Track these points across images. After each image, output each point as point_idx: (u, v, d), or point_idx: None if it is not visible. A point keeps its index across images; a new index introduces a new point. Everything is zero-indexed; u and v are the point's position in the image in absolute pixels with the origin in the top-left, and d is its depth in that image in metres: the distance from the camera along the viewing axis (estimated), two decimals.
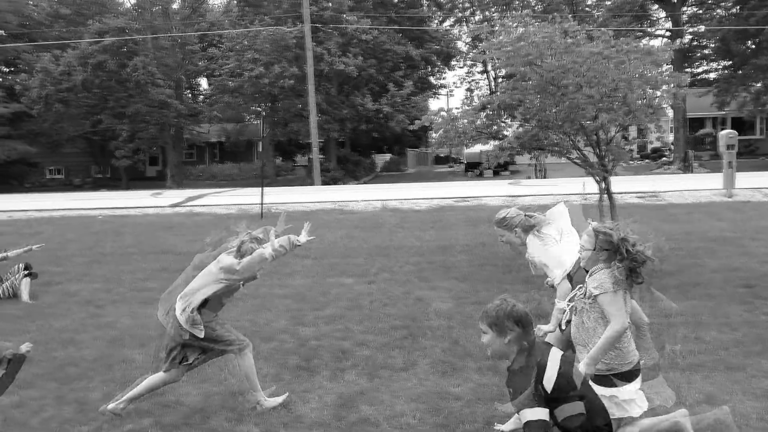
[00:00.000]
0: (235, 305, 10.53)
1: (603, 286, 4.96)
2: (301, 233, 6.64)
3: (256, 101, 50.98)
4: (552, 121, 11.73)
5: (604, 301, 4.94)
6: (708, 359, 7.37)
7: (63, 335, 9.26)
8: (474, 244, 14.92)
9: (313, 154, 44.65)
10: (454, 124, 12.57)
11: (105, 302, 11.20)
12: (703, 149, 49.23)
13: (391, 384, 7.01)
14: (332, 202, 24.67)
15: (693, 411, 6.00)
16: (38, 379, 7.59)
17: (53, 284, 12.67)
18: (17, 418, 6.55)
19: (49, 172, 58.91)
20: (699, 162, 43.02)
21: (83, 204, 27.61)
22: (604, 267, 5.05)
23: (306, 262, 13.69)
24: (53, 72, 46.37)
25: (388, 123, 48.77)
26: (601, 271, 5.04)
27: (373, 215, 20.84)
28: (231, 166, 55.75)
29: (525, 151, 13.06)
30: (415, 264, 13.17)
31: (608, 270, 4.99)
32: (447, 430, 5.87)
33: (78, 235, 18.51)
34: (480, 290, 10.81)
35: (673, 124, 45.50)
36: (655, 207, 20.07)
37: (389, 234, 16.89)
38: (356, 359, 7.86)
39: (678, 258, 12.72)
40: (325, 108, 47.69)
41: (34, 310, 10.75)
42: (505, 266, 12.56)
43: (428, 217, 19.86)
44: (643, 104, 11.81)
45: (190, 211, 24.18)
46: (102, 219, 22.36)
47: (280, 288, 11.63)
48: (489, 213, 19.93)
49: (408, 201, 23.80)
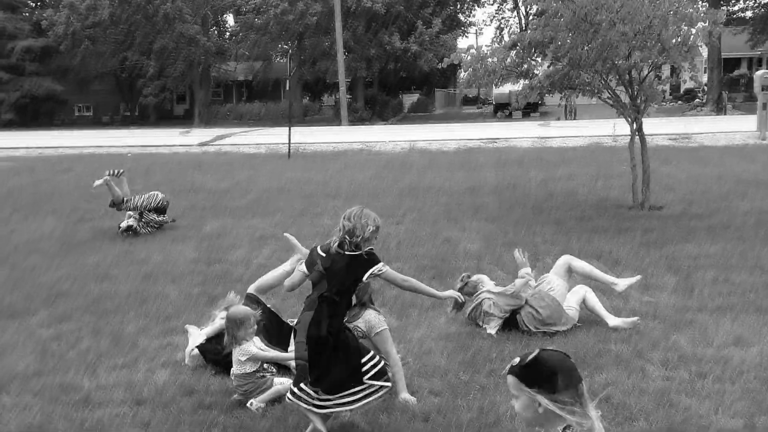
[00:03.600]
0: (266, 244, 10.65)
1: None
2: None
3: (283, 39, 50.60)
4: (584, 60, 11.54)
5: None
6: (737, 301, 7.35)
7: (97, 270, 9.43)
8: (504, 186, 14.88)
9: (341, 93, 44.42)
10: (483, 62, 12.40)
11: (137, 238, 11.35)
12: (738, 90, 48.33)
13: (420, 322, 7.09)
14: (360, 142, 24.65)
15: (721, 353, 6.04)
16: (74, 312, 7.75)
17: (86, 220, 12.85)
18: (55, 350, 6.71)
19: (77, 109, 59.21)
20: (733, 104, 42.33)
21: (112, 142, 27.82)
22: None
23: (335, 203, 13.73)
24: (79, 7, 46.18)
25: (416, 62, 48.27)
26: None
27: (401, 156, 20.81)
28: (258, 106, 55.66)
29: (555, 90, 12.89)
30: (444, 205, 13.17)
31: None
32: (474, 367, 5.94)
33: None
34: (509, 231, 10.81)
35: (707, 64, 44.60)
36: (686, 149, 19.86)
37: (418, 175, 16.88)
38: (385, 298, 7.92)
39: (708, 201, 12.63)
40: (352, 46, 47.25)
41: (68, 246, 10.92)
42: (536, 208, 12.54)
43: (457, 158, 19.80)
44: (677, 42, 11.58)
45: (218, 150, 24.29)
46: (131, 157, 22.52)
47: (311, 227, 11.70)
48: (519, 155, 19.87)
49: (436, 142, 23.72)
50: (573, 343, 6.35)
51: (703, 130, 24.05)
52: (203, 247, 10.64)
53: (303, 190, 15.24)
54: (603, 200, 13.09)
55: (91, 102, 59.16)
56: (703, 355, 5.99)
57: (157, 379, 5.98)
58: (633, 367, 5.80)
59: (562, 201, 13.13)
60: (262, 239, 10.98)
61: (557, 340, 6.43)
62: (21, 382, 5.97)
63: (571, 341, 6.39)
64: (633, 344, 6.28)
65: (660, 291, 7.76)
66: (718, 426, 4.81)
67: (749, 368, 5.72)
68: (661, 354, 6.06)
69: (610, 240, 10.07)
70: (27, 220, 13.07)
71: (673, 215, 11.63)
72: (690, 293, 7.64)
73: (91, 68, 51.08)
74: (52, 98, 53.34)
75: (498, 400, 5.25)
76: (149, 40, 47.79)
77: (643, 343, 6.30)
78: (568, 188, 14.43)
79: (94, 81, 54.39)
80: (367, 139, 25.85)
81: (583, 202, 13.00)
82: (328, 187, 15.57)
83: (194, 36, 47.34)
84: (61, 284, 8.84)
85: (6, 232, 12.05)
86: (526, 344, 6.36)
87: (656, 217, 11.47)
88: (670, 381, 5.53)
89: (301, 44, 49.08)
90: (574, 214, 11.90)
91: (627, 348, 6.21)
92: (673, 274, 8.41)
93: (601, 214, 11.81)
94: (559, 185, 14.80)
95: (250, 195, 14.47)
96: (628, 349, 6.18)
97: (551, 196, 13.64)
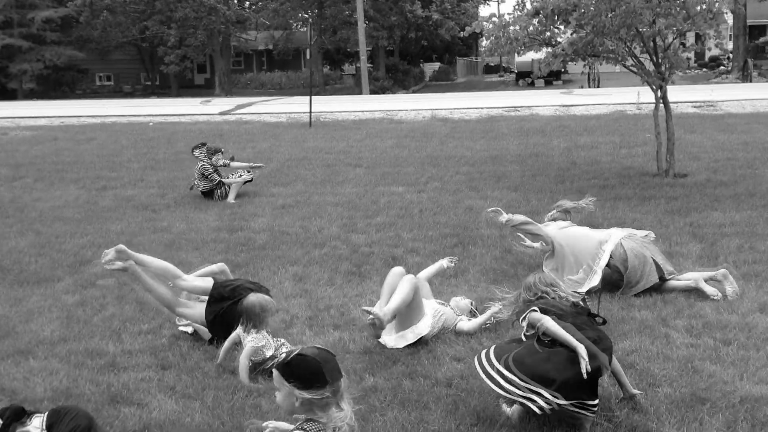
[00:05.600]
0: (288, 212, 10.68)
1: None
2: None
3: (303, 8, 50.35)
4: (607, 27, 11.39)
5: None
6: (762, 269, 7.29)
7: (121, 238, 9.46)
8: (526, 155, 14.79)
9: (362, 62, 44.22)
10: (505, 30, 12.29)
11: (160, 207, 11.41)
12: (764, 58, 47.63)
13: (443, 290, 7.08)
14: (381, 111, 24.54)
15: (746, 320, 6.00)
16: (99, 279, 7.82)
17: (109, 189, 12.91)
18: (80, 316, 6.78)
19: (98, 78, 59.37)
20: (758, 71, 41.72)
21: (134, 111, 27.87)
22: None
23: (357, 171, 13.73)
24: None
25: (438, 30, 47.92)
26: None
27: (422, 125, 20.71)
28: (279, 75, 55.54)
29: (579, 58, 12.75)
30: (466, 174, 13.12)
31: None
32: (497, 334, 5.94)
33: (131, 142, 18.76)
34: (532, 200, 10.76)
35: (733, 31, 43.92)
36: (711, 117, 19.61)
37: (439, 143, 16.81)
38: (407, 266, 7.89)
39: (734, 168, 12.50)
40: (373, 15, 46.94)
41: (92, 214, 11.00)
42: (558, 176, 12.47)
43: (479, 126, 19.68)
44: (702, 9, 11.41)
45: (239, 119, 24.28)
46: (153, 126, 22.58)
47: (332, 196, 11.71)
48: (541, 123, 19.72)
49: (458, 111, 23.57)
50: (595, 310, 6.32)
51: (728, 97, 23.72)
52: (225, 215, 10.68)
53: (324, 159, 15.22)
54: (626, 168, 12.98)
55: (112, 71, 59.29)
56: (727, 322, 5.96)
57: (181, 344, 6.03)
58: (657, 334, 5.79)
59: (585, 169, 13.04)
60: (284, 208, 11.00)
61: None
62: (47, 347, 6.04)
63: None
64: (657, 311, 6.26)
65: (684, 259, 7.71)
66: (742, 392, 4.79)
67: None
68: (685, 321, 6.04)
69: (634, 208, 10.00)
70: (51, 188, 13.16)
71: (698, 183, 11.52)
72: (715, 261, 7.58)
73: (112, 38, 51.09)
74: (74, 67, 53.47)
75: None
76: (170, 9, 47.67)
77: (668, 311, 6.28)
78: (591, 157, 14.32)
79: (115, 51, 54.39)
80: (388, 108, 25.72)
81: (606, 170, 12.90)
82: (349, 155, 15.54)
83: (214, 5, 47.16)
84: (85, 251, 8.91)
85: (30, 200, 12.15)
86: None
87: (681, 185, 11.37)
88: (695, 348, 5.51)
89: (321, 13, 48.83)
90: (597, 183, 11.82)
91: (651, 315, 6.19)
92: (698, 242, 8.35)
93: (624, 183, 11.72)
94: (582, 154, 14.68)
95: (272, 164, 14.47)
96: (652, 316, 6.16)
97: (574, 165, 13.54)
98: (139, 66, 58.27)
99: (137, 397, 5.09)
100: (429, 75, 60.30)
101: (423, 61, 62.35)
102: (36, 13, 49.48)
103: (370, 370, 5.34)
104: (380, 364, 5.43)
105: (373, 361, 5.51)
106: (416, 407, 4.78)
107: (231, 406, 4.90)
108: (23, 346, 6.08)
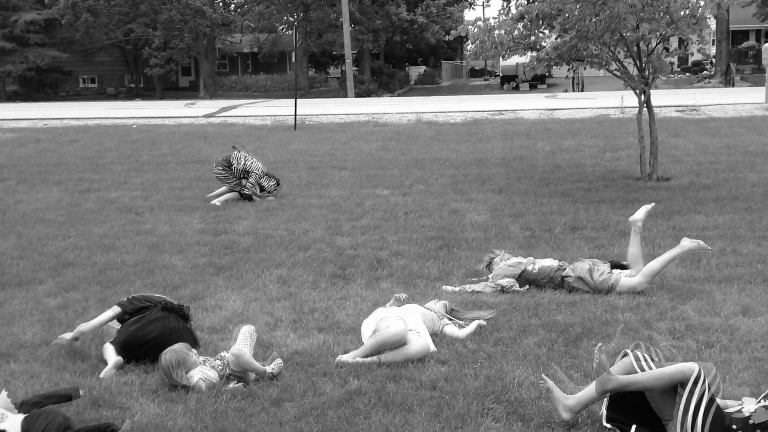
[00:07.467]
0: (273, 215, 10.65)
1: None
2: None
3: (289, 11, 50.33)
4: (591, 31, 11.45)
5: None
6: (745, 272, 7.34)
7: (104, 240, 9.43)
8: (511, 158, 14.83)
9: (347, 65, 44.23)
10: (490, 34, 12.32)
11: (143, 209, 11.34)
12: (746, 63, 47.98)
13: (427, 292, 7.08)
14: (366, 114, 24.57)
15: (728, 322, 6.03)
16: (81, 282, 7.76)
17: (92, 191, 12.84)
18: (62, 319, 6.72)
19: (82, 81, 59.09)
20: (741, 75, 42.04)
21: (118, 113, 27.77)
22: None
23: (342, 174, 13.72)
24: None
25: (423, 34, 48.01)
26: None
27: (407, 128, 20.74)
28: (264, 78, 55.47)
29: (563, 62, 12.82)
30: (451, 176, 13.14)
31: None
32: (481, 336, 5.94)
33: (115, 144, 18.68)
34: (516, 203, 10.78)
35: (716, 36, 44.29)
36: (695, 121, 19.75)
37: (424, 146, 16.83)
38: (392, 268, 7.92)
39: (717, 171, 12.58)
40: (358, 18, 46.96)
41: (74, 216, 10.93)
42: (542, 179, 12.50)
43: (464, 129, 19.73)
44: (685, 14, 11.50)
45: (224, 121, 24.25)
46: (137, 128, 22.50)
47: (317, 198, 11.69)
48: (526, 127, 19.78)
49: (443, 114, 23.63)
50: (580, 312, 6.35)
51: (711, 101, 23.89)
52: (209, 217, 10.63)
53: (309, 161, 15.21)
54: (610, 172, 13.04)
55: (96, 73, 59.00)
56: (710, 325, 5.99)
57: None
58: (640, 337, 5.79)
59: (570, 172, 13.09)
60: (268, 210, 10.97)
61: (564, 310, 6.42)
62: (29, 351, 5.98)
63: (578, 310, 6.39)
64: (640, 314, 6.28)
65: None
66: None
67: (756, 338, 5.73)
68: (668, 323, 6.06)
69: (617, 211, 10.04)
70: (33, 190, 13.07)
71: (681, 186, 11.58)
72: (697, 264, 7.62)
73: (95, 40, 50.87)
74: (57, 69, 53.20)
75: (505, 369, 5.26)
76: (155, 10, 47.51)
77: (651, 313, 6.30)
78: (576, 160, 14.37)
79: (98, 52, 54.22)
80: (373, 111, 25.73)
81: (590, 173, 12.96)
82: (334, 158, 15.53)
83: (200, 7, 47.06)
84: (67, 254, 8.84)
85: (12, 202, 12.05)
86: (533, 313, 6.37)
87: (664, 189, 11.43)
88: (678, 350, 5.53)
89: (307, 16, 48.84)
90: (581, 186, 11.87)
91: (634, 317, 6.21)
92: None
93: (608, 186, 11.77)
94: (566, 157, 14.74)
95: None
96: (636, 319, 6.18)
97: (558, 168, 13.59)
98: (123, 68, 58.06)
99: (119, 401, 5.05)
100: (414, 78, 60.35)
101: (408, 65, 62.46)
102: (20, 15, 49.25)
103: (354, 372, 5.33)
104: (364, 367, 5.42)
105: (357, 363, 5.49)
106: (400, 410, 4.77)
107: (214, 410, 4.87)
108: (4, 349, 6.02)
